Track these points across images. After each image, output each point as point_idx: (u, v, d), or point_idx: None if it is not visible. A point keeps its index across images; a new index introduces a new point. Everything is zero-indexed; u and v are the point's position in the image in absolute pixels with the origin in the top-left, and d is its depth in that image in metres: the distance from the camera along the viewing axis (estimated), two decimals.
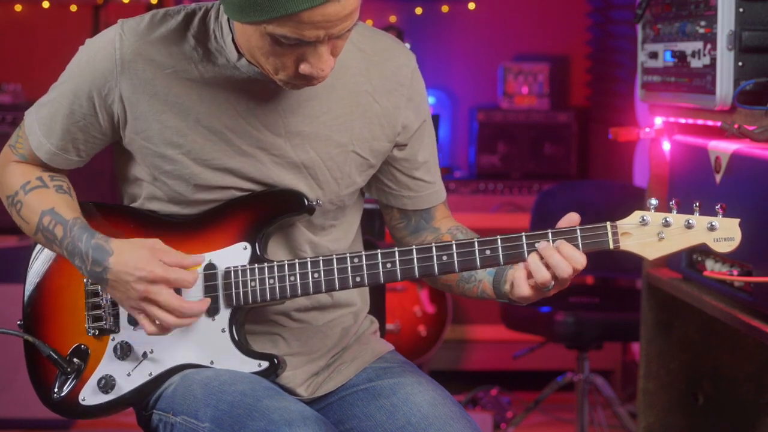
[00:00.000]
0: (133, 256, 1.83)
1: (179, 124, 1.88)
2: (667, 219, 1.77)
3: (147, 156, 1.91)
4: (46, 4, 4.90)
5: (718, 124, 2.30)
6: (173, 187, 1.91)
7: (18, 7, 4.92)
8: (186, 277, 1.83)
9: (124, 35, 1.87)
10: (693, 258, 2.47)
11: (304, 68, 1.73)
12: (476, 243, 1.81)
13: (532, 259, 1.78)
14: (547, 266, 1.77)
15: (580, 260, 1.77)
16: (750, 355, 2.79)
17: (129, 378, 1.91)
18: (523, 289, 1.81)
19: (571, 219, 1.80)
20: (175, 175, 1.90)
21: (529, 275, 1.79)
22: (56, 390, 1.95)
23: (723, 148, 2.29)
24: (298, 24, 1.66)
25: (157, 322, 1.84)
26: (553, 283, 1.78)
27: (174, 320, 1.83)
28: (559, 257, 1.76)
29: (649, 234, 1.78)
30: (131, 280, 1.82)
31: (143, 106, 1.88)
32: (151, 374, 1.91)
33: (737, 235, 1.76)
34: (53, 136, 1.94)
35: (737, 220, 1.77)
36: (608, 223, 1.79)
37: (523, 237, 1.80)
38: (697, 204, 1.77)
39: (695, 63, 2.43)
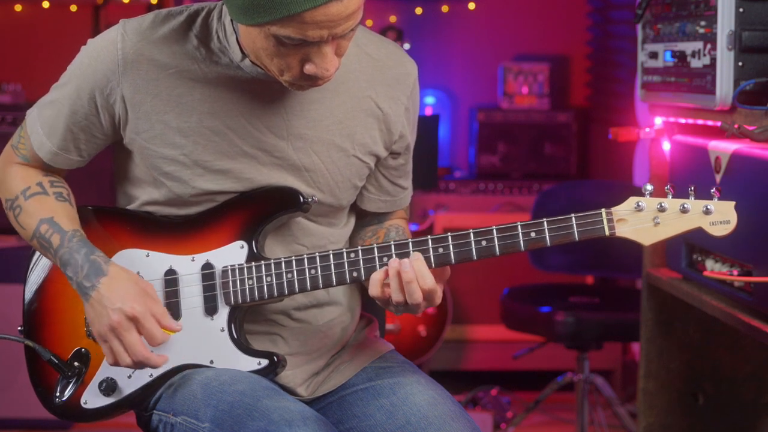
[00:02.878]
0: (124, 288, 1.83)
1: (182, 124, 1.88)
2: (663, 204, 1.76)
3: (147, 156, 1.91)
4: (46, 4, 4.90)
5: (718, 124, 2.30)
6: (172, 189, 1.91)
7: (18, 7, 4.92)
8: (156, 335, 1.83)
9: (126, 35, 1.87)
10: (693, 258, 2.47)
11: (309, 68, 1.73)
12: (472, 234, 1.80)
13: (392, 263, 1.79)
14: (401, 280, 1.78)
15: (428, 279, 1.77)
16: (750, 355, 2.79)
17: (130, 380, 1.91)
18: (375, 289, 1.81)
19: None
20: (175, 177, 1.90)
21: (386, 281, 1.80)
22: (58, 394, 1.95)
23: (723, 148, 2.28)
24: (301, 24, 1.66)
25: (117, 359, 1.84)
26: (403, 300, 1.78)
27: (129, 362, 1.83)
28: (411, 271, 1.77)
29: (645, 219, 1.77)
30: (110, 307, 1.82)
31: (146, 107, 1.88)
32: (151, 375, 1.91)
33: (733, 218, 1.76)
34: (55, 136, 1.94)
35: (732, 203, 1.76)
36: (603, 210, 1.78)
37: (519, 226, 1.80)
38: (692, 188, 1.77)
39: (695, 63, 2.43)
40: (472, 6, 5.11)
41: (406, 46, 4.88)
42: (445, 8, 5.13)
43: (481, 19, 5.14)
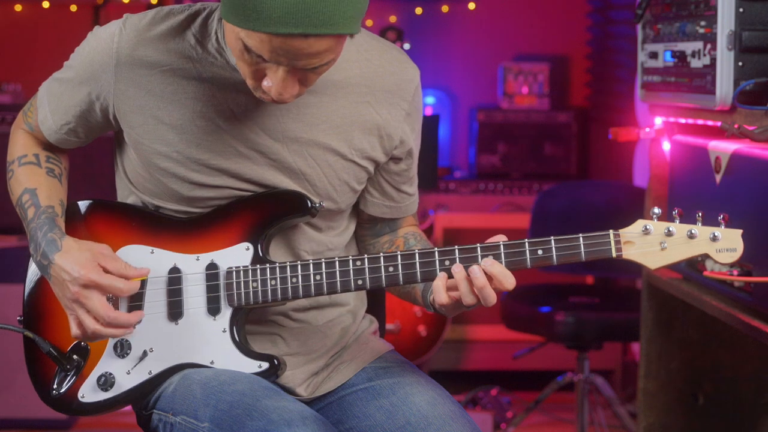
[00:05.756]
0: (75, 257, 1.85)
1: (174, 121, 1.88)
2: (670, 229, 1.77)
3: (143, 152, 1.91)
4: (46, 4, 4.90)
5: (718, 124, 2.30)
6: (169, 185, 1.91)
7: (18, 7, 4.92)
8: (119, 285, 1.84)
9: (124, 30, 1.88)
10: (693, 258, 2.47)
11: (265, 85, 1.73)
12: (479, 248, 1.81)
13: (456, 269, 1.79)
14: (471, 282, 1.78)
15: (510, 280, 1.78)
16: (750, 355, 2.79)
17: (129, 376, 1.91)
18: (442, 297, 1.80)
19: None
20: (170, 173, 1.90)
21: (450, 285, 1.79)
22: (55, 387, 1.94)
23: (723, 148, 2.29)
24: (261, 42, 1.66)
25: (83, 326, 1.85)
26: (475, 302, 1.78)
27: (97, 327, 1.84)
28: (482, 277, 1.77)
29: (652, 243, 1.78)
30: (67, 279, 1.84)
31: (139, 102, 1.88)
32: (150, 372, 1.91)
33: (739, 246, 1.77)
34: (56, 115, 1.97)
35: (739, 231, 1.77)
36: (611, 232, 1.79)
37: (526, 243, 1.81)
38: (700, 214, 1.78)
39: (695, 63, 2.43)
40: (472, 6, 5.11)
41: (406, 46, 4.88)
42: (445, 8, 5.13)
43: (481, 19, 5.14)
